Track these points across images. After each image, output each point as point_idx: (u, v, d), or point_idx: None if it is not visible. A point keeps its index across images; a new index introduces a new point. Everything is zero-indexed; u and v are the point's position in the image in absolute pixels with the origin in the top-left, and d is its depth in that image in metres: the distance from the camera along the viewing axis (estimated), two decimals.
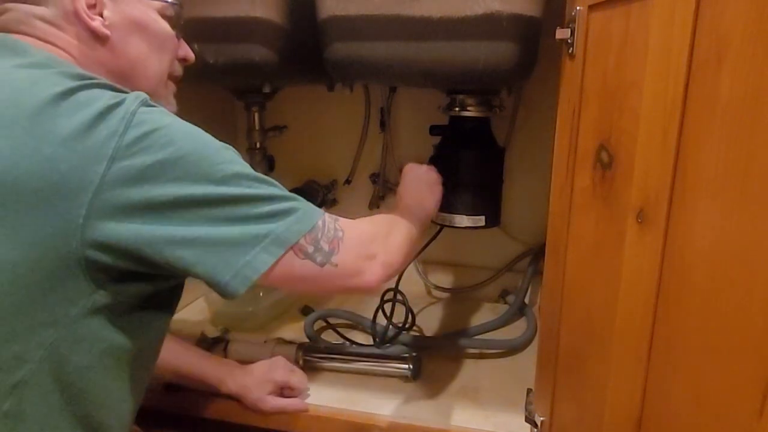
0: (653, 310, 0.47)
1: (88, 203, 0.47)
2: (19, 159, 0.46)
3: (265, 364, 0.86)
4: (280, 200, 0.53)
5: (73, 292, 0.49)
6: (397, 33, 0.75)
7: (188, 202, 0.49)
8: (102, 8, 0.57)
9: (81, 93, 0.50)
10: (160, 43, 0.63)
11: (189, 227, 0.49)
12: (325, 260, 0.55)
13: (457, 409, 0.83)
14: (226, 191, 0.50)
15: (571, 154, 0.61)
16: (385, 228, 0.66)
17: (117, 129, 0.48)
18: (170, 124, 0.51)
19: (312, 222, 0.54)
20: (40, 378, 0.49)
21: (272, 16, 0.81)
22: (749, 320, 0.38)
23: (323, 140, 1.27)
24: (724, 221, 0.40)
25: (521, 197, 1.17)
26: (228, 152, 0.53)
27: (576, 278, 0.62)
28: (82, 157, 0.47)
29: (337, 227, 0.58)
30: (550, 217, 0.68)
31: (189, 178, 0.49)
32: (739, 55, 0.38)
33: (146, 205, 0.48)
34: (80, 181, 0.46)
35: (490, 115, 0.95)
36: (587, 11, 0.57)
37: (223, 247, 0.50)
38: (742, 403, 0.39)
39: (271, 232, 0.51)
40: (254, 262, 0.50)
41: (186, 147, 0.50)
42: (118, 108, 0.49)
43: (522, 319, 1.11)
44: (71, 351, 0.50)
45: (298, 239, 0.53)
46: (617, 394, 0.52)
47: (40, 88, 0.49)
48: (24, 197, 0.46)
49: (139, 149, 0.48)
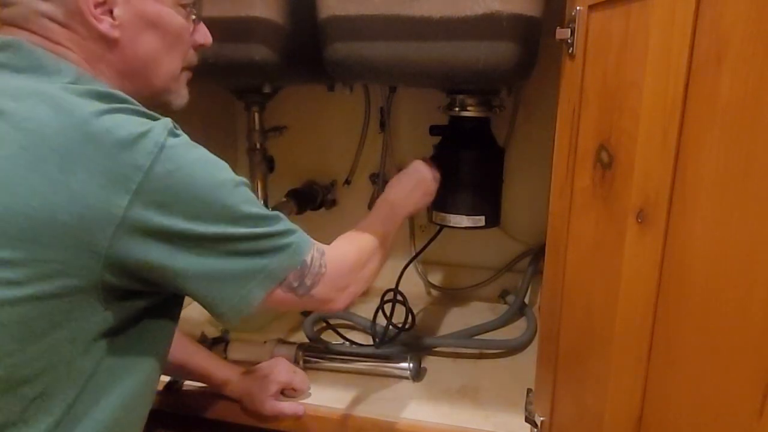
0: (653, 310, 0.47)
1: (111, 235, 0.49)
2: (52, 195, 0.48)
3: (267, 365, 0.86)
4: (278, 236, 0.57)
5: (89, 311, 0.52)
6: (397, 33, 0.74)
7: (199, 238, 0.52)
8: (112, 6, 0.55)
9: (106, 118, 0.49)
10: (173, 39, 0.61)
11: (197, 260, 0.53)
12: (305, 293, 0.60)
13: (457, 409, 0.83)
14: (234, 231, 0.54)
15: (571, 154, 0.61)
16: (366, 255, 0.70)
17: (143, 163, 0.49)
18: (193, 162, 0.52)
19: (301, 258, 0.59)
20: (59, 389, 0.52)
21: (272, 16, 0.80)
22: (749, 320, 0.39)
23: (323, 140, 1.27)
24: (724, 221, 0.40)
25: (521, 197, 1.17)
26: (241, 189, 0.56)
27: (576, 278, 0.62)
28: (108, 190, 0.48)
29: (322, 263, 0.61)
30: (550, 217, 0.68)
31: (203, 218, 0.52)
32: (739, 55, 0.38)
33: (161, 234, 0.51)
34: (105, 214, 0.49)
35: (490, 115, 0.95)
36: (587, 11, 0.57)
37: (223, 282, 0.54)
38: (742, 403, 0.39)
39: (266, 267, 0.56)
40: (248, 297, 0.56)
41: (204, 188, 0.52)
42: (145, 139, 0.50)
43: (522, 319, 1.11)
44: (86, 363, 0.53)
45: (287, 276, 0.57)
46: (617, 394, 0.52)
47: (65, 117, 0.49)
48: (55, 232, 0.48)
49: (163, 186, 0.50)
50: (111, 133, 0.49)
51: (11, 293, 0.48)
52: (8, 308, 0.48)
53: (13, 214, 0.47)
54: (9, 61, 0.53)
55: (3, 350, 0.49)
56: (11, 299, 0.48)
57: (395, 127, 1.22)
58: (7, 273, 0.48)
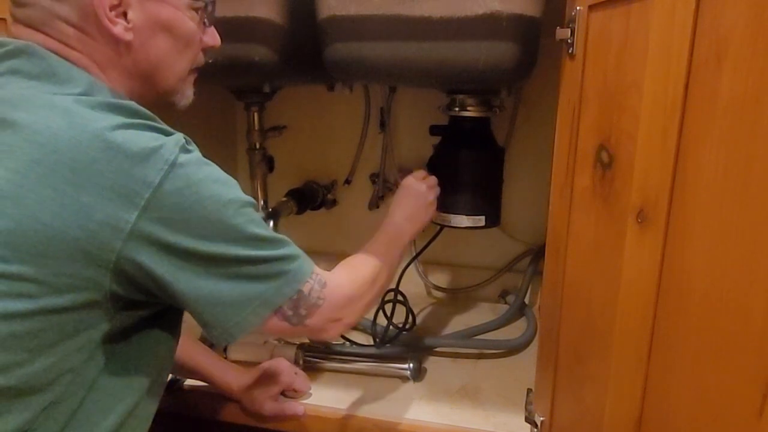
0: (653, 310, 0.47)
1: (119, 250, 0.50)
2: (62, 209, 0.48)
3: (268, 366, 0.86)
4: (279, 262, 0.57)
5: (97, 321, 0.53)
6: (397, 33, 0.74)
7: (202, 257, 0.53)
8: (126, 8, 0.55)
9: (118, 133, 0.50)
10: (185, 43, 0.61)
11: (197, 282, 0.53)
12: (299, 323, 0.59)
13: (457, 409, 0.83)
14: (237, 252, 0.54)
15: (571, 154, 0.61)
16: (365, 288, 0.68)
17: (153, 180, 0.49)
18: (202, 180, 0.53)
19: (298, 286, 0.58)
20: (68, 396, 0.53)
21: (272, 16, 0.81)
22: (749, 320, 0.39)
23: (323, 140, 1.27)
24: (724, 221, 0.40)
25: (521, 197, 1.17)
26: (246, 210, 0.56)
27: (576, 278, 0.62)
28: (117, 205, 0.49)
29: (320, 296, 0.60)
30: (550, 217, 0.68)
31: (208, 237, 0.52)
32: (739, 55, 0.38)
33: (166, 250, 0.51)
34: (113, 229, 0.49)
35: (490, 115, 0.95)
36: (587, 11, 0.57)
37: (221, 307, 0.55)
38: (742, 403, 0.39)
39: (262, 294, 0.56)
40: (242, 323, 0.56)
41: (212, 207, 0.52)
42: (156, 155, 0.50)
43: (522, 319, 1.11)
44: (93, 371, 0.54)
45: (283, 303, 0.57)
46: (617, 394, 0.52)
47: (78, 131, 0.49)
48: (65, 246, 0.48)
49: (171, 203, 0.51)
50: (123, 148, 0.49)
51: (23, 306, 0.48)
52: (20, 321, 0.48)
53: (24, 228, 0.48)
54: (22, 67, 0.53)
55: (15, 361, 0.49)
56: (23, 312, 0.48)
57: (395, 127, 1.22)
58: (18, 287, 0.48)
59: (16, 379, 0.49)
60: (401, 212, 0.83)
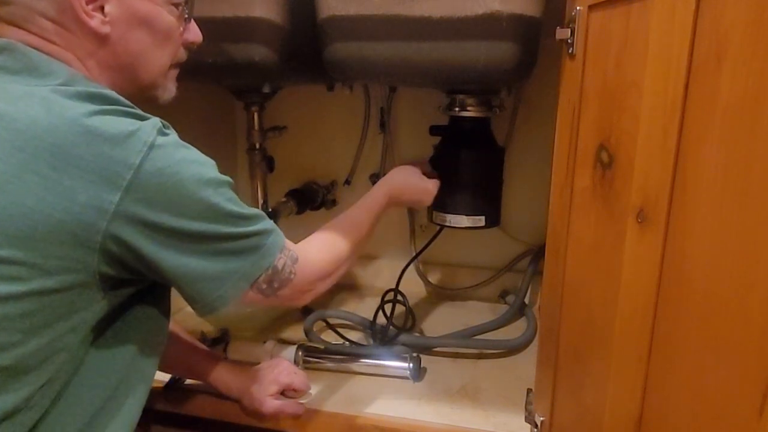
0: (653, 310, 0.47)
1: (104, 230, 0.51)
2: (46, 193, 0.49)
3: (267, 366, 0.86)
4: (254, 236, 0.59)
5: (87, 301, 0.54)
6: (397, 33, 0.75)
7: (183, 235, 0.55)
8: (103, 2, 0.56)
9: (96, 119, 0.51)
10: (163, 37, 0.62)
11: (180, 259, 0.55)
12: (272, 294, 0.62)
13: (457, 409, 0.83)
14: (216, 229, 0.56)
15: (571, 154, 0.61)
16: (338, 263, 0.71)
17: (134, 161, 0.51)
18: (181, 161, 0.54)
19: (272, 259, 0.61)
20: (62, 375, 0.55)
21: (272, 16, 0.81)
22: (749, 320, 0.39)
23: (323, 140, 1.27)
24: (724, 221, 0.40)
25: (521, 197, 1.17)
26: (224, 190, 0.57)
27: (576, 278, 0.62)
28: (99, 187, 0.50)
29: (292, 270, 0.63)
30: (550, 217, 0.68)
31: (188, 215, 0.54)
32: (739, 55, 0.38)
33: (149, 229, 0.53)
34: (97, 211, 0.50)
35: (490, 115, 0.95)
36: (587, 11, 0.57)
37: (202, 282, 0.57)
38: (742, 403, 0.39)
39: (241, 268, 0.58)
40: (224, 296, 0.58)
41: (191, 186, 0.54)
42: (134, 137, 0.51)
43: (522, 319, 1.11)
44: (86, 351, 0.56)
45: (259, 276, 0.60)
46: (617, 394, 0.52)
47: (56, 117, 0.50)
48: (51, 229, 0.50)
49: (152, 184, 0.52)
50: (100, 131, 0.50)
51: (15, 288, 0.50)
52: (12, 303, 0.50)
53: (10, 213, 0.49)
54: (5, 63, 0.55)
55: (9, 341, 0.51)
56: (15, 294, 0.50)
57: (395, 127, 1.22)
58: (8, 270, 0.49)
59: (12, 359, 0.51)
60: (399, 177, 0.86)
